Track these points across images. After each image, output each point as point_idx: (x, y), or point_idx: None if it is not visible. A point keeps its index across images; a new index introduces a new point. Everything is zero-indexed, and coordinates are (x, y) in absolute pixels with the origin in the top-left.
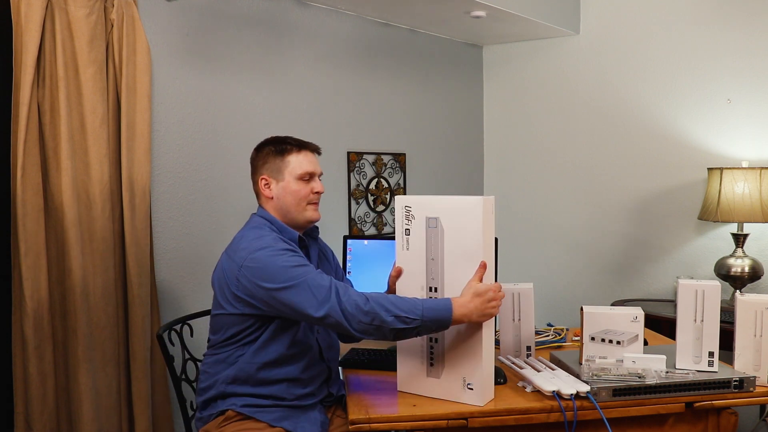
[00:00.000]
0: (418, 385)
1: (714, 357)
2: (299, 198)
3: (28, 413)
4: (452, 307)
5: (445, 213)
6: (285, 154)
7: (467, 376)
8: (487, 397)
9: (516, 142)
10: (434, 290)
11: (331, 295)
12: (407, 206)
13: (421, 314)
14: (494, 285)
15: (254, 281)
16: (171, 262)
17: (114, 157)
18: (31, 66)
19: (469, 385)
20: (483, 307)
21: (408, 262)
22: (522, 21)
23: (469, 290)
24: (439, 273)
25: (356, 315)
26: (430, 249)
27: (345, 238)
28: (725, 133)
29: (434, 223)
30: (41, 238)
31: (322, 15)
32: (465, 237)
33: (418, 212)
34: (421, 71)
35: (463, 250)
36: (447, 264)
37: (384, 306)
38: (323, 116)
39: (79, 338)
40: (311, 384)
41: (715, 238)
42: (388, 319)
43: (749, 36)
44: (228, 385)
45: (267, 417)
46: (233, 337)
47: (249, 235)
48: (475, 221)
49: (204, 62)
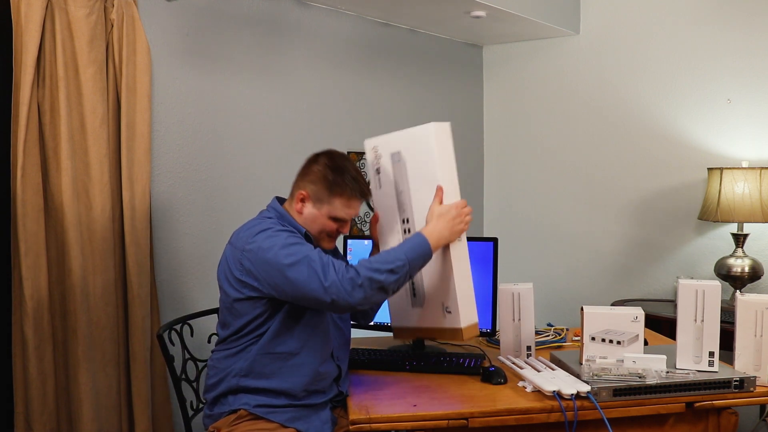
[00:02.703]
0: (406, 318)
1: (714, 357)
2: (322, 230)
3: (28, 413)
4: (425, 237)
5: (404, 146)
6: (336, 194)
7: (444, 301)
8: (467, 319)
9: (516, 142)
10: (406, 221)
11: (330, 271)
12: (375, 146)
13: (405, 257)
14: (456, 202)
15: (257, 262)
16: (171, 262)
17: (114, 157)
18: (31, 66)
19: (447, 309)
20: (451, 225)
21: (382, 199)
22: (522, 21)
23: (431, 215)
24: (408, 203)
25: (353, 291)
26: (398, 182)
27: (345, 238)
28: (725, 133)
29: (397, 157)
30: (41, 238)
31: (322, 15)
32: (423, 163)
33: (384, 150)
34: (421, 71)
35: (423, 176)
36: (413, 192)
37: (372, 268)
38: (323, 116)
39: (79, 338)
40: (323, 380)
41: (715, 238)
42: (381, 278)
43: (749, 36)
44: (241, 378)
45: (279, 417)
46: (243, 329)
47: (251, 223)
48: (429, 146)
49: (204, 62)
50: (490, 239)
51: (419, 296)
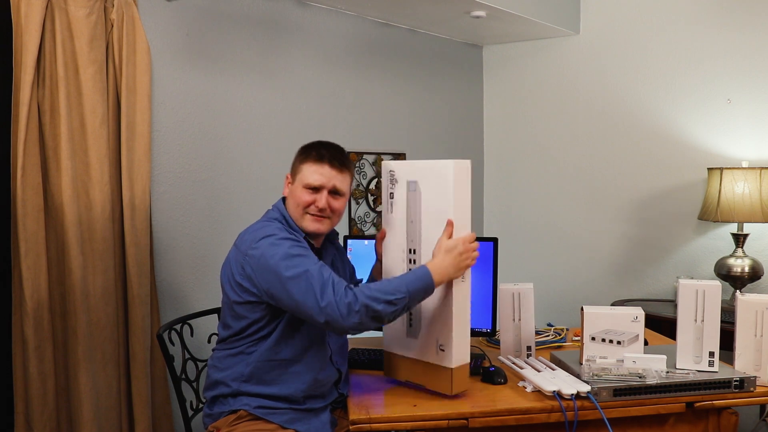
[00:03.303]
0: (399, 346)
1: (714, 357)
2: (298, 204)
3: (28, 413)
4: (430, 272)
5: (422, 176)
6: (304, 160)
7: (439, 338)
8: (459, 360)
9: (516, 142)
10: (413, 251)
11: (328, 290)
12: (392, 171)
13: (407, 290)
14: (463, 237)
15: (258, 269)
16: (171, 262)
17: (114, 157)
18: (31, 66)
19: (441, 347)
20: (457, 261)
21: (391, 224)
22: (522, 21)
23: (439, 249)
24: (417, 234)
25: (348, 317)
26: (410, 211)
27: (345, 238)
28: (725, 133)
29: (413, 186)
30: (41, 238)
31: (322, 15)
32: (438, 198)
33: (401, 176)
34: (421, 71)
35: (437, 211)
36: (424, 225)
37: (371, 297)
38: (323, 116)
39: (79, 338)
40: (323, 386)
41: (715, 238)
42: (379, 307)
43: (749, 36)
44: (242, 383)
45: (279, 419)
46: (244, 331)
47: (256, 225)
48: (447, 183)
49: (204, 62)
50: (490, 239)
51: (415, 327)
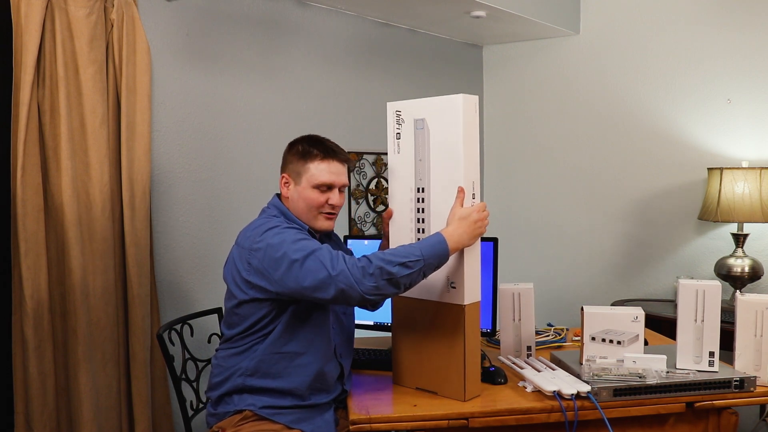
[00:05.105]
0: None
1: (714, 357)
2: (311, 206)
3: (28, 413)
4: (445, 238)
5: (429, 113)
6: (308, 159)
7: (451, 275)
8: (470, 297)
9: (516, 142)
10: (421, 190)
11: (339, 261)
12: (398, 111)
13: (421, 254)
14: (477, 205)
15: (265, 259)
16: (171, 262)
17: (114, 157)
18: (31, 66)
19: (452, 284)
20: (471, 229)
21: (398, 165)
22: (522, 21)
23: (453, 217)
24: (426, 173)
25: (363, 279)
26: (418, 150)
27: (345, 238)
28: (725, 133)
29: (421, 125)
30: (41, 238)
31: (322, 15)
32: (447, 133)
33: (408, 116)
34: (421, 71)
35: (446, 148)
36: (433, 163)
37: (384, 259)
38: (323, 116)
39: (79, 338)
40: (327, 379)
41: (715, 238)
42: (393, 269)
43: (749, 36)
44: (247, 377)
45: (285, 419)
46: (249, 328)
47: (256, 222)
48: (457, 117)
49: (204, 62)
50: (490, 239)
51: None
